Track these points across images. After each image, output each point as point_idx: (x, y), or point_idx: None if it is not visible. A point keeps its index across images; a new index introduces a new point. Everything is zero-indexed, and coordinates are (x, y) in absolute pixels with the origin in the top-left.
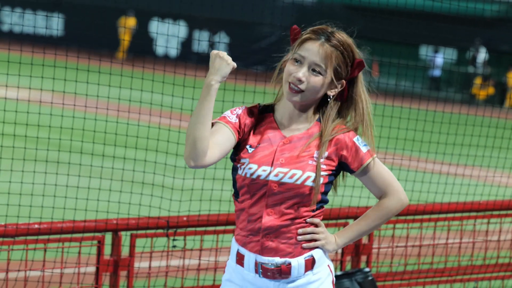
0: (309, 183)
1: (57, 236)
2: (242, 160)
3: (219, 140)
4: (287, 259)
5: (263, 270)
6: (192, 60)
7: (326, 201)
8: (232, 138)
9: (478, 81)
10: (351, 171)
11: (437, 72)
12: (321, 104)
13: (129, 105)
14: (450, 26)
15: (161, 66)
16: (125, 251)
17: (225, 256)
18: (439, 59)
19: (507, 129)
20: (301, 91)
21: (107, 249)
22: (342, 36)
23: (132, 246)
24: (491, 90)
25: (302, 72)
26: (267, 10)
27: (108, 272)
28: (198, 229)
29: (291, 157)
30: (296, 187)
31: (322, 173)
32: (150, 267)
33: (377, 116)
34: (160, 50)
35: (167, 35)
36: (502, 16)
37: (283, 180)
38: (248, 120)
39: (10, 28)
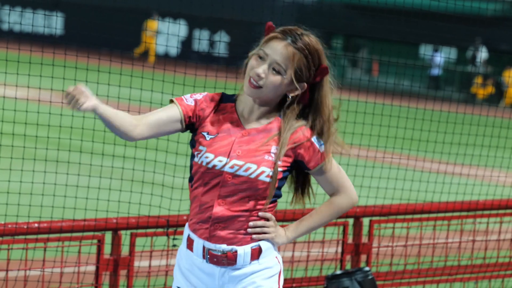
0: (263, 177)
1: (57, 235)
2: (200, 148)
3: (157, 120)
4: (234, 247)
5: (210, 256)
6: (192, 59)
7: (279, 196)
8: (177, 119)
9: (478, 80)
10: (307, 169)
11: (437, 71)
12: (283, 103)
13: (128, 104)
14: (450, 25)
15: (161, 65)
16: (125, 250)
17: None
18: (439, 58)
19: (504, 128)
20: (259, 87)
21: (107, 248)
22: (310, 40)
23: (132, 245)
24: (490, 89)
25: (262, 69)
26: (267, 9)
27: (108, 271)
28: None
29: (248, 150)
30: (249, 180)
31: (279, 169)
32: (150, 266)
33: (377, 115)
34: (160, 49)
35: (167, 33)
36: (502, 15)
37: (237, 173)
38: (206, 106)
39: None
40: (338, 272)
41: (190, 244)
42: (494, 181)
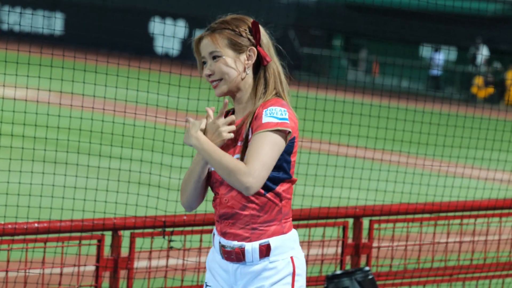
0: None
1: (56, 236)
2: None
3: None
4: (243, 243)
5: (223, 252)
6: (191, 59)
7: (275, 181)
8: None
9: (478, 80)
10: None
11: (436, 72)
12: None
13: (125, 104)
14: (450, 25)
15: (160, 66)
16: (124, 251)
17: None
18: (439, 59)
19: (507, 132)
20: (219, 80)
21: (107, 248)
22: (223, 18)
23: (131, 246)
24: (491, 90)
25: (207, 68)
26: (268, 9)
27: (107, 271)
28: (195, 228)
29: (227, 144)
30: None
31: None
32: (150, 266)
33: (373, 117)
34: (159, 49)
35: (163, 34)
36: (503, 15)
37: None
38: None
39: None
40: (338, 272)
41: (213, 241)
42: (494, 181)
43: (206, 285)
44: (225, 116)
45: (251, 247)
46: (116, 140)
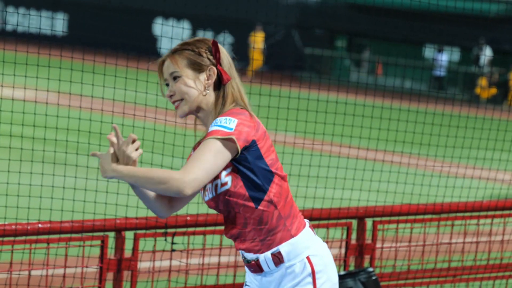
0: (219, 189)
1: (58, 236)
2: None
3: None
4: (257, 255)
5: (246, 265)
6: None
7: (262, 189)
8: None
9: (481, 80)
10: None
11: (440, 72)
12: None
13: (123, 105)
14: (454, 25)
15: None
16: (128, 251)
17: (225, 256)
18: (443, 59)
19: (509, 132)
20: (180, 100)
21: (110, 250)
22: (185, 40)
23: (135, 247)
24: (494, 90)
25: (168, 90)
26: (270, 9)
27: (110, 272)
28: (198, 229)
29: None
30: (215, 199)
31: (223, 171)
32: (153, 267)
33: (375, 119)
34: (164, 51)
35: (162, 35)
36: (506, 15)
37: (208, 197)
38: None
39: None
40: (342, 272)
41: None
42: (496, 182)
43: (245, 285)
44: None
45: (264, 258)
46: None
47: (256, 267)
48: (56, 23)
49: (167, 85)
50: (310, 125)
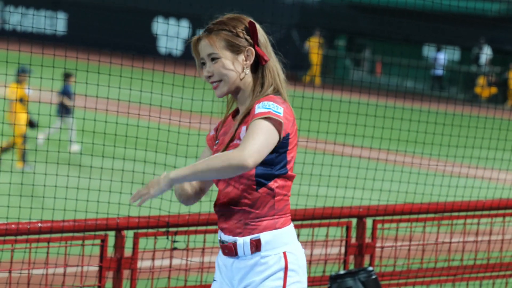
0: None
1: (59, 235)
2: None
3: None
4: (236, 238)
5: (221, 247)
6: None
7: (269, 177)
8: (208, 151)
9: (481, 80)
10: None
11: (440, 71)
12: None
13: (128, 104)
14: (454, 25)
15: (164, 66)
16: (127, 251)
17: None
18: (442, 59)
19: (510, 131)
20: (219, 81)
21: (110, 249)
22: (220, 19)
23: (135, 246)
24: (494, 90)
25: (206, 70)
26: (271, 9)
27: (111, 271)
28: (199, 228)
29: (223, 141)
30: None
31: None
32: (153, 266)
33: (379, 118)
34: (163, 49)
35: (162, 35)
36: (506, 15)
37: None
38: (220, 124)
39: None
40: (342, 272)
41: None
42: (498, 181)
43: (214, 280)
44: (233, 116)
45: (243, 242)
46: (119, 140)
47: (232, 250)
48: (59, 23)
49: (203, 63)
50: (314, 124)
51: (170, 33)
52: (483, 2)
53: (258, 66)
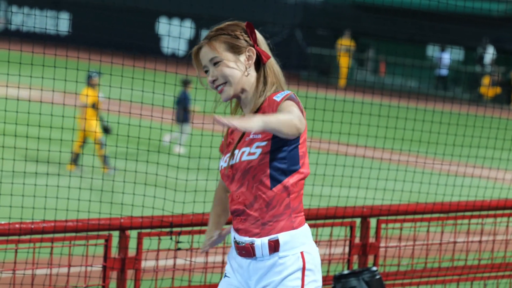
0: (244, 157)
1: (62, 235)
2: None
3: None
4: (254, 239)
5: (237, 248)
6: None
7: (283, 174)
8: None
9: (485, 80)
10: None
11: (444, 71)
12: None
13: (130, 105)
14: (457, 25)
15: (169, 66)
16: (131, 251)
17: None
18: (446, 58)
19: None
20: (224, 83)
21: (114, 249)
22: (218, 26)
23: (139, 246)
24: (498, 90)
25: (210, 75)
26: (274, 9)
27: (114, 271)
28: (203, 228)
29: (235, 141)
30: (237, 165)
31: (258, 143)
32: (157, 266)
33: (383, 117)
34: (166, 49)
35: (164, 35)
36: (510, 15)
37: (230, 163)
38: (230, 129)
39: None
40: (346, 272)
41: (231, 237)
42: (503, 181)
43: (225, 276)
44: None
45: (261, 243)
46: (121, 140)
47: (249, 251)
48: (62, 23)
49: (206, 71)
50: (317, 124)
51: (174, 34)
52: (488, 2)
53: (259, 65)
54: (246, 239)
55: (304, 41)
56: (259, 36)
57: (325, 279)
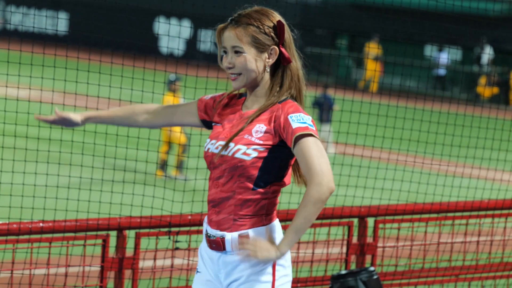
0: (239, 155)
1: (61, 235)
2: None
3: (170, 111)
4: (224, 233)
5: (207, 241)
6: (197, 59)
7: (270, 180)
8: (192, 112)
9: (483, 80)
10: (291, 149)
11: (442, 71)
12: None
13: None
14: (455, 25)
15: (168, 66)
16: (129, 251)
17: None
18: (444, 58)
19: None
20: (238, 74)
21: (112, 249)
22: (250, 10)
23: (137, 246)
24: (495, 90)
25: (227, 61)
26: (273, 8)
27: (112, 271)
28: (201, 228)
29: (232, 132)
30: (228, 159)
31: (256, 147)
32: (155, 266)
33: (381, 117)
34: (165, 49)
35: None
36: (509, 15)
37: (222, 153)
38: (222, 101)
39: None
40: (343, 272)
41: (203, 229)
42: (501, 182)
43: (197, 271)
44: (238, 101)
45: (231, 237)
46: (121, 140)
47: (220, 245)
48: (60, 22)
49: (225, 52)
50: (316, 124)
51: (172, 33)
52: (485, 2)
53: (278, 65)
54: (216, 233)
55: (302, 40)
56: (287, 37)
57: (322, 279)
